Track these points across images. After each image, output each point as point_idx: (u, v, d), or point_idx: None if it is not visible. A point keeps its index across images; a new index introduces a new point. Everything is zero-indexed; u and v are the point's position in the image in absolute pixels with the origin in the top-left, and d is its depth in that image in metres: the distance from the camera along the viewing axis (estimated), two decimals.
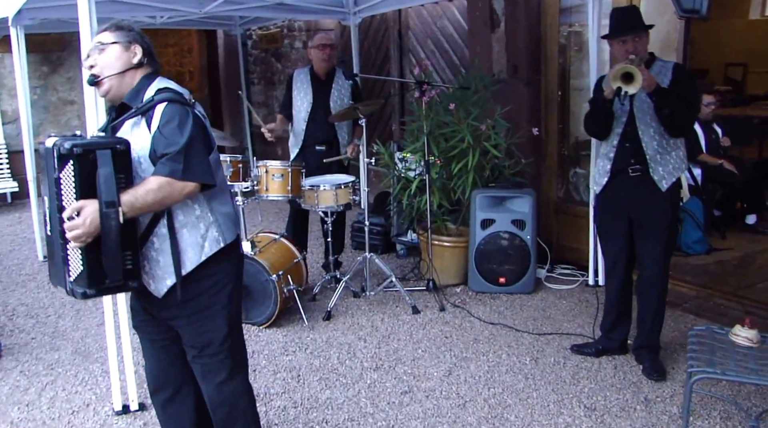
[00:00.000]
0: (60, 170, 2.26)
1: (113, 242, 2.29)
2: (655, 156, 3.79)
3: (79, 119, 9.75)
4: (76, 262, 2.33)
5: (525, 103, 5.89)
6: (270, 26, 9.84)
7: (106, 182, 2.26)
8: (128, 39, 2.54)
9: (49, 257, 2.50)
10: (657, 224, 3.86)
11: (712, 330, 3.31)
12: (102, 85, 2.52)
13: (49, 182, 2.32)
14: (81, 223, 2.23)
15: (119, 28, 2.57)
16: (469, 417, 3.55)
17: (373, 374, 4.04)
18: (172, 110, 2.40)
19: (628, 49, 3.72)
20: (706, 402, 3.64)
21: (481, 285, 5.27)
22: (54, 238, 2.37)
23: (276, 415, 3.61)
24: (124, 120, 2.47)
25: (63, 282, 2.38)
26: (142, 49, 2.56)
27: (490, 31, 6.05)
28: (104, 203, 2.25)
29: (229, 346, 2.63)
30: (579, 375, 3.98)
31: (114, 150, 2.30)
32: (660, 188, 3.79)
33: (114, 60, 2.51)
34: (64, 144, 2.25)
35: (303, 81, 5.50)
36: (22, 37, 6.02)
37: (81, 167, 2.25)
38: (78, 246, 2.28)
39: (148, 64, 2.58)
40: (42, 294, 5.53)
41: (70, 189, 2.27)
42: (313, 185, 4.98)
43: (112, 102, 2.58)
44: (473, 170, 5.25)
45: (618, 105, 3.76)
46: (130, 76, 2.54)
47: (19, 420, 3.61)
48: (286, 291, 4.65)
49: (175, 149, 2.34)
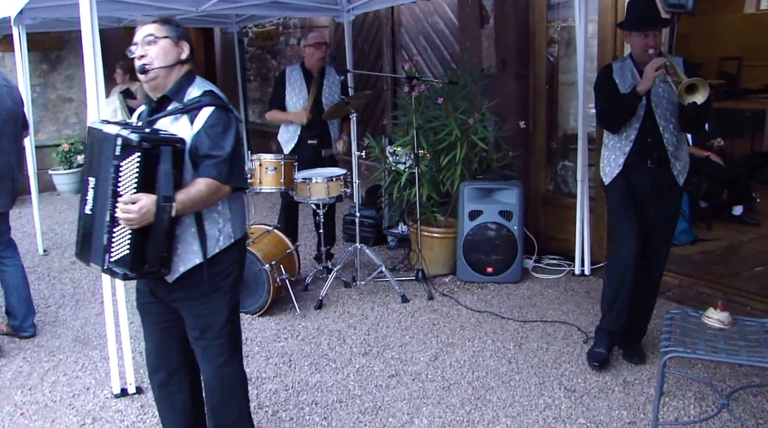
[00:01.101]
0: (123, 159, 2.38)
1: (161, 233, 2.45)
2: (675, 151, 3.82)
3: (77, 116, 9.90)
4: (122, 246, 2.45)
5: (514, 98, 6.02)
6: (266, 24, 9.98)
7: (165, 178, 2.42)
8: (177, 35, 2.66)
9: (83, 235, 2.58)
10: (671, 214, 3.95)
11: (686, 313, 3.43)
12: (150, 74, 2.61)
13: (104, 166, 2.43)
14: (137, 211, 2.37)
15: (168, 22, 2.68)
16: (453, 399, 3.69)
17: (362, 359, 4.19)
18: (218, 116, 2.56)
19: (649, 43, 3.68)
20: (682, 383, 3.78)
21: (469, 275, 5.41)
22: (97, 218, 2.48)
23: (267, 398, 3.75)
24: (167, 113, 2.61)
25: (100, 261, 2.49)
26: (189, 47, 2.70)
27: (480, 27, 6.18)
28: (162, 198, 2.40)
29: (229, 330, 2.76)
30: (561, 359, 4.12)
31: (174, 148, 2.45)
32: (678, 183, 3.86)
33: (164, 54, 2.62)
34: (131, 135, 2.36)
35: (296, 78, 5.62)
36: (24, 37, 6.14)
37: (145, 160, 2.38)
38: (128, 232, 2.42)
39: (190, 61, 2.72)
40: (42, 286, 5.67)
41: (130, 178, 2.39)
42: (306, 177, 5.12)
43: (154, 91, 2.66)
44: (461, 162, 5.39)
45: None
46: (176, 71, 2.65)
47: (22, 402, 3.76)
48: (278, 281, 4.80)
49: (222, 155, 2.53)
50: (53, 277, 5.89)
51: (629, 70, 3.85)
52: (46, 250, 6.65)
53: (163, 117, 2.61)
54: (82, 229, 2.59)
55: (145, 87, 2.68)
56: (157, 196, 2.41)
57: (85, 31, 3.49)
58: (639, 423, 3.41)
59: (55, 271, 6.06)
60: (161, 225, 2.44)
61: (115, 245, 2.46)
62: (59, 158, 9.42)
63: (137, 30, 2.67)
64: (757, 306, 4.56)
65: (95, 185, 2.50)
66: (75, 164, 9.47)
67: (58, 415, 3.62)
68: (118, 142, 2.37)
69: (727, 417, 3.39)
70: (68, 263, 6.27)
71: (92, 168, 2.54)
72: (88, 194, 2.52)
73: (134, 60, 2.62)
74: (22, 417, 3.61)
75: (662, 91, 3.77)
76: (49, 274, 5.97)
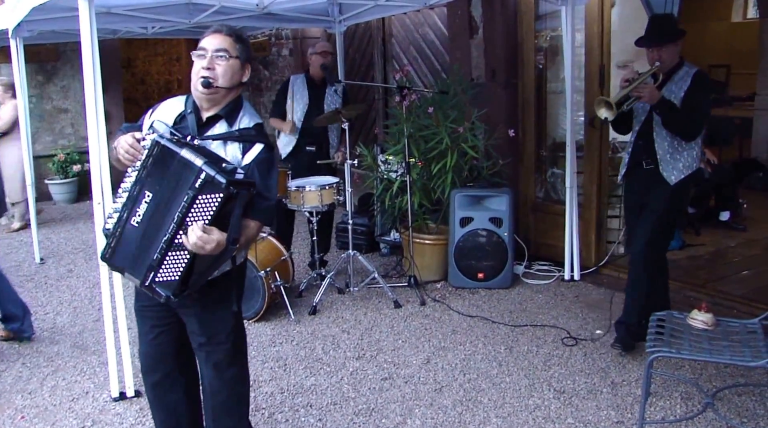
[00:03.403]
0: (203, 193, 2.35)
1: (213, 269, 2.52)
2: (666, 155, 4.08)
3: (72, 126, 9.98)
4: (173, 271, 2.44)
5: (503, 107, 6.13)
6: (258, 35, 10.07)
7: (236, 221, 2.43)
8: (246, 57, 2.64)
9: (120, 243, 2.53)
10: (653, 208, 4.13)
11: (672, 314, 3.53)
12: (212, 89, 2.57)
13: (175, 189, 2.40)
14: (211, 243, 2.33)
15: (243, 41, 2.65)
16: (445, 401, 3.78)
17: (356, 362, 4.27)
18: (267, 155, 2.60)
19: (654, 56, 4.05)
20: (669, 384, 3.87)
21: (461, 281, 5.50)
22: (147, 235, 2.46)
23: (264, 400, 3.83)
24: (221, 137, 2.59)
25: (141, 276, 2.48)
26: (250, 70, 2.69)
27: (470, 37, 6.30)
28: (231, 240, 2.41)
29: (234, 336, 2.81)
30: (550, 362, 4.21)
31: (249, 193, 2.46)
32: (668, 182, 4.07)
33: (231, 74, 2.59)
34: (218, 176, 2.33)
35: (300, 86, 5.81)
36: (21, 49, 6.20)
37: (226, 201, 2.37)
38: (185, 260, 2.41)
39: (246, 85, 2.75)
40: (40, 293, 5.73)
41: (204, 212, 2.37)
42: (299, 186, 5.21)
43: (207, 106, 2.63)
44: (452, 170, 5.49)
45: (639, 105, 4.12)
46: (234, 92, 2.65)
47: (22, 406, 3.82)
48: (273, 287, 4.88)
49: (271, 200, 2.61)
50: (50, 285, 5.95)
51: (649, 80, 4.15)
52: (42, 259, 6.71)
53: (214, 139, 2.59)
54: (120, 237, 2.53)
55: (198, 97, 2.62)
56: (228, 237, 2.39)
57: (84, 43, 3.56)
58: (626, 422, 3.50)
59: (52, 279, 6.12)
60: (218, 264, 2.48)
61: (165, 268, 2.45)
62: (55, 168, 9.48)
63: (207, 35, 2.64)
64: (743, 309, 4.67)
65: (151, 200, 2.45)
66: (71, 173, 9.54)
67: (58, 418, 3.68)
68: (201, 175, 2.35)
69: (712, 416, 3.49)
70: (65, 271, 6.34)
71: (153, 183, 2.46)
72: (140, 207, 2.47)
73: (199, 69, 2.57)
74: (22, 420, 3.68)
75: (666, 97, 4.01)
76: (46, 282, 6.04)
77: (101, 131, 3.64)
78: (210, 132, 2.63)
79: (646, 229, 4.16)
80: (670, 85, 4.07)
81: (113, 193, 2.77)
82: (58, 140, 9.93)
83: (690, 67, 4.10)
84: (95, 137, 3.62)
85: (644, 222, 4.18)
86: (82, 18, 3.54)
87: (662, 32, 4.07)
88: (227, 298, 2.71)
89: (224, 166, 2.45)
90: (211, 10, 5.64)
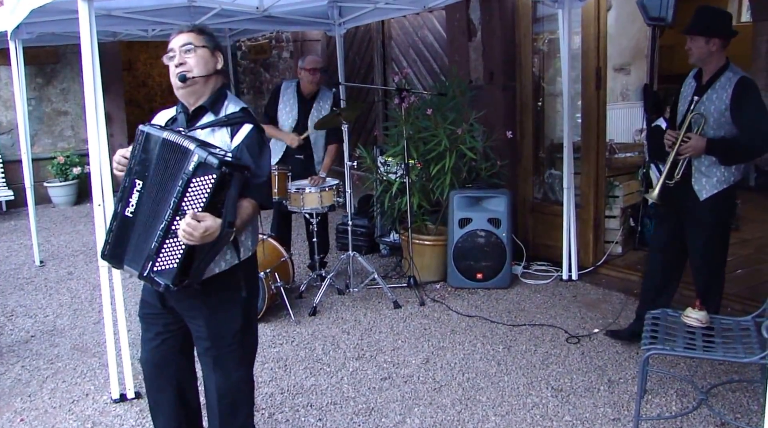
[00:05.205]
0: (197, 176, 2.37)
1: (214, 254, 2.50)
2: (701, 167, 3.91)
3: (72, 129, 10.02)
4: (171, 259, 2.43)
5: (501, 108, 6.17)
6: (258, 38, 10.12)
7: (232, 204, 2.44)
8: (213, 44, 2.70)
9: (117, 237, 2.54)
10: (695, 225, 4.02)
11: (666, 312, 3.56)
12: (189, 82, 2.62)
13: (168, 175, 2.43)
14: (201, 230, 2.34)
15: (204, 32, 2.71)
16: (444, 400, 3.81)
17: (355, 363, 4.30)
18: (257, 136, 2.63)
19: (690, 46, 3.88)
20: (665, 381, 3.91)
21: (460, 281, 5.53)
22: (142, 223, 2.47)
23: (264, 400, 3.86)
24: (208, 125, 2.64)
25: (139, 267, 2.49)
26: (222, 57, 2.74)
27: (468, 40, 6.34)
28: (227, 223, 2.42)
29: (241, 340, 2.79)
30: (548, 360, 4.25)
31: (243, 175, 2.48)
32: (698, 197, 3.93)
33: (203, 62, 2.64)
34: (210, 158, 2.35)
35: (290, 96, 5.71)
36: (21, 51, 6.23)
37: (220, 183, 2.37)
38: (181, 247, 2.41)
39: (224, 72, 2.77)
40: (39, 296, 5.76)
41: (198, 196, 2.38)
42: (299, 187, 5.24)
43: (191, 99, 2.68)
44: (450, 171, 5.53)
45: (681, 111, 4.00)
46: (212, 81, 2.69)
47: (22, 409, 3.85)
48: (273, 288, 4.91)
49: (263, 178, 2.61)
50: (50, 287, 5.98)
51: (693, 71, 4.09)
52: (42, 261, 6.74)
53: (202, 128, 2.64)
54: (117, 230, 2.55)
55: (181, 95, 2.68)
56: (223, 221, 2.40)
57: (84, 45, 3.58)
58: (623, 419, 3.53)
59: (52, 282, 6.15)
60: (217, 248, 2.47)
61: (162, 256, 2.44)
62: (54, 170, 9.51)
63: (172, 38, 2.70)
64: (737, 307, 4.70)
65: (143, 188, 2.48)
66: (71, 176, 9.57)
67: (57, 421, 3.70)
68: (194, 158, 2.37)
69: (706, 412, 3.52)
70: (65, 273, 6.37)
71: (142, 171, 2.50)
72: (132, 197, 2.49)
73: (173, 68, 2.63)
74: (22, 423, 3.70)
75: (707, 111, 3.85)
76: (46, 285, 6.06)
77: (101, 133, 3.65)
78: (198, 124, 2.68)
79: (693, 243, 4.07)
80: (711, 94, 3.84)
81: (113, 195, 2.79)
82: (58, 142, 9.97)
83: (735, 72, 3.81)
84: (95, 139, 3.64)
85: (692, 237, 4.07)
86: (81, 20, 3.56)
87: (695, 23, 3.85)
88: (233, 299, 2.71)
89: (215, 150, 2.47)
90: (211, 12, 5.68)
